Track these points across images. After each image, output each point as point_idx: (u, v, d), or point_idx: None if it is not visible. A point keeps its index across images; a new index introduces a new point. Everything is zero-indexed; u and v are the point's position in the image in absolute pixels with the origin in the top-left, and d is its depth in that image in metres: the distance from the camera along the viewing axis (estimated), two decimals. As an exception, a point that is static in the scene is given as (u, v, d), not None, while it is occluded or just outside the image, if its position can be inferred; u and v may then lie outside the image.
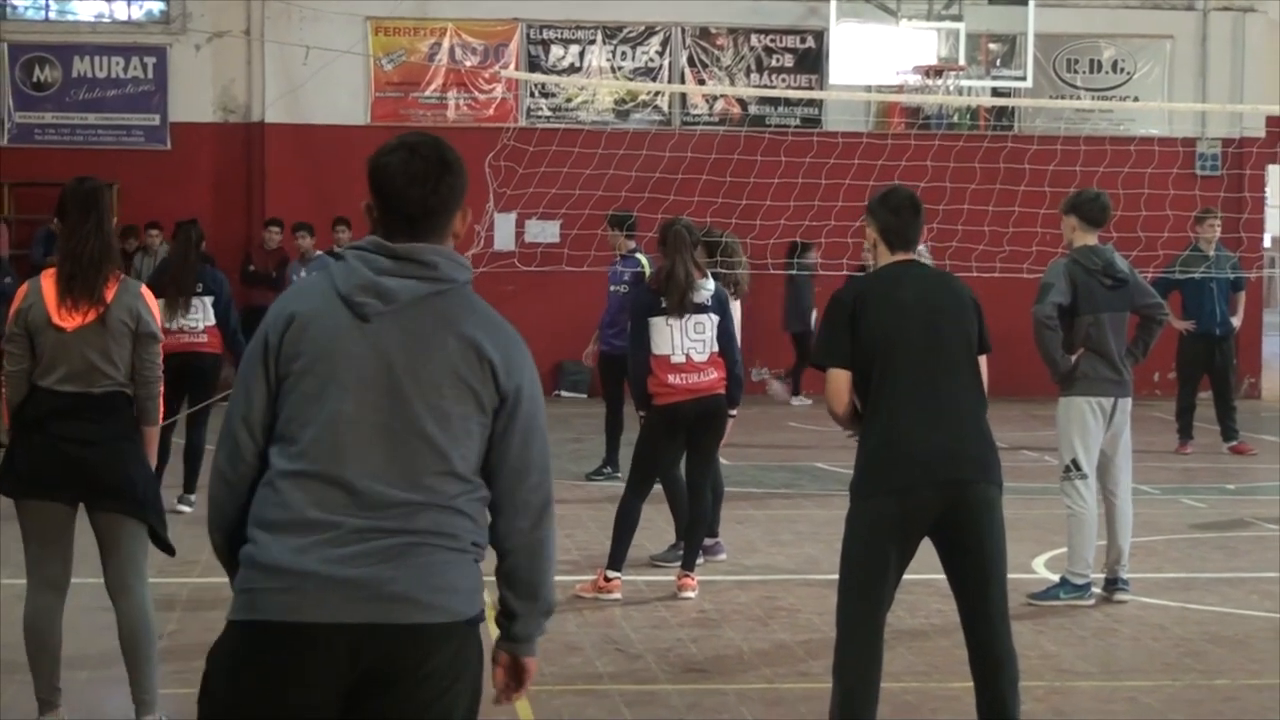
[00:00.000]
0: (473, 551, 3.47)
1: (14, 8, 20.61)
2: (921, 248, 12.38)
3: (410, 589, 3.36)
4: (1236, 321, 15.42)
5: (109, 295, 5.97)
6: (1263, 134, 20.91)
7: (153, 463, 6.18)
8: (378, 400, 3.41)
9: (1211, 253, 15.20)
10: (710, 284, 8.98)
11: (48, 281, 6.03)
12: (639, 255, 12.81)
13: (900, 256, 5.89)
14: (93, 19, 20.65)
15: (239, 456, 3.49)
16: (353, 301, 3.44)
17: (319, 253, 17.49)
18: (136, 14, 20.72)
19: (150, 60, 20.25)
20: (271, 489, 3.43)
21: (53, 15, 20.67)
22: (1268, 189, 21.95)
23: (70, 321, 5.95)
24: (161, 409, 6.22)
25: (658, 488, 9.25)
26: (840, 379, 5.76)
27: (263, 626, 3.36)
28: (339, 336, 3.43)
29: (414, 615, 3.36)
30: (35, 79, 20.07)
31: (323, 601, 3.33)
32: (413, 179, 3.48)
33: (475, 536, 3.48)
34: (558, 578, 9.70)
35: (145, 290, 6.12)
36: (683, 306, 8.79)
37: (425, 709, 3.38)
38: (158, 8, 20.61)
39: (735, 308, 9.48)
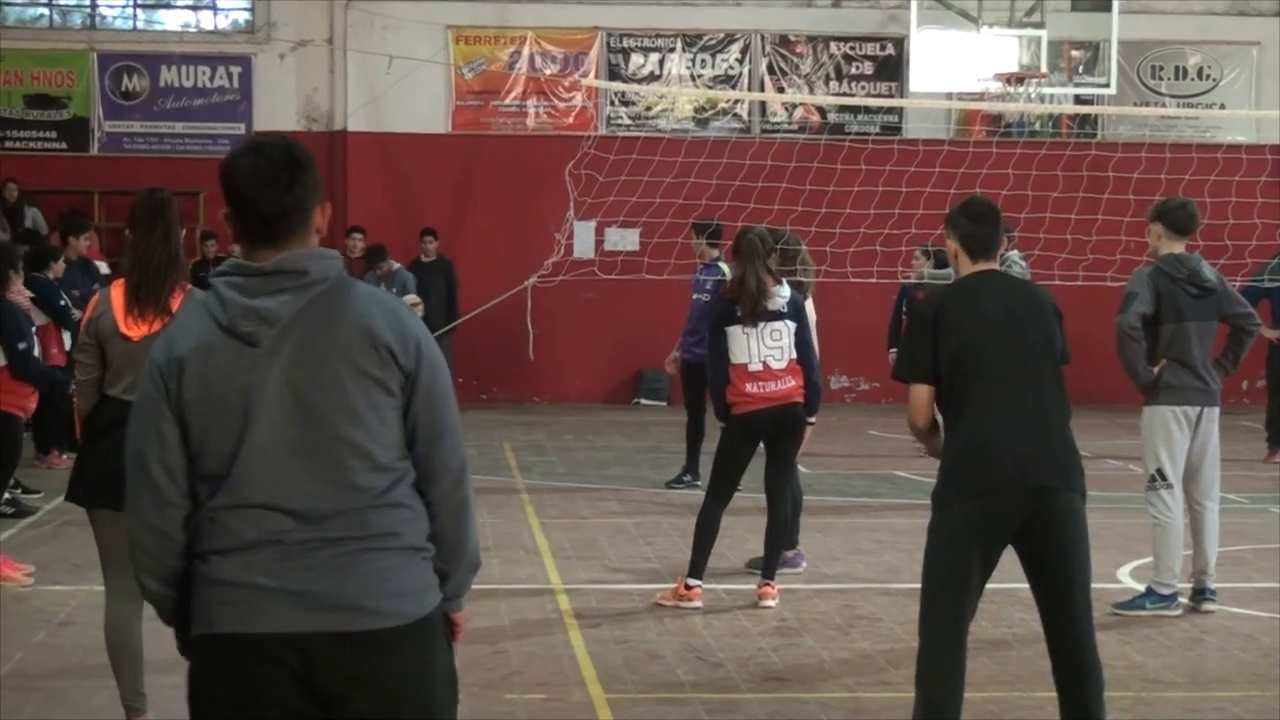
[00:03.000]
0: (422, 550, 3.49)
1: (103, 18, 20.93)
2: (1015, 254, 12.23)
3: (358, 597, 3.39)
4: (1327, 330, 15.25)
5: (174, 305, 6.04)
6: (1351, 140, 20.63)
7: None
8: (288, 419, 3.41)
9: (1299, 260, 15.03)
10: (786, 291, 8.95)
11: (117, 291, 6.13)
12: (720, 264, 12.80)
13: (982, 265, 5.86)
14: (179, 29, 20.94)
15: (164, 500, 3.45)
16: (238, 332, 3.42)
17: (397, 265, 17.50)
18: (222, 24, 20.98)
19: (236, 69, 20.49)
20: (210, 522, 3.44)
21: (140, 25, 20.97)
22: (1357, 196, 21.62)
23: (137, 330, 6.04)
24: None
25: (739, 497, 9.24)
26: (922, 394, 5.74)
27: (217, 639, 3.43)
28: (234, 369, 3.42)
29: (364, 622, 3.39)
30: (124, 88, 20.35)
31: (270, 612, 3.37)
32: (263, 181, 3.44)
33: (417, 527, 3.49)
34: (639, 586, 9.70)
35: None
36: (756, 314, 8.78)
37: (402, 706, 3.42)
38: (243, 17, 20.85)
39: (809, 308, 9.43)
